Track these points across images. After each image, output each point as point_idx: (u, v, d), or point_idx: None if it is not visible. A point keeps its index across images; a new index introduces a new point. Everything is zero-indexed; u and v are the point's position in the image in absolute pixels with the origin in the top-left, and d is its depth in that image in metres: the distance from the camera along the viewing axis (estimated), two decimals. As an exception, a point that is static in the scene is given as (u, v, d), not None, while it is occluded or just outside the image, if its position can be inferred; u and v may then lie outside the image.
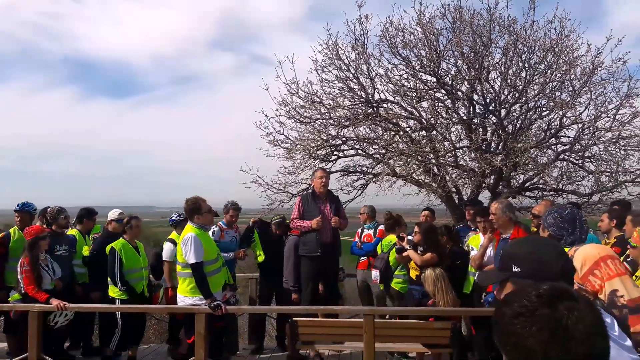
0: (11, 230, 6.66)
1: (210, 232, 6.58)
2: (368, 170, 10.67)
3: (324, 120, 10.37)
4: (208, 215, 5.71)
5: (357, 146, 10.60)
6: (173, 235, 6.66)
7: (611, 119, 9.26)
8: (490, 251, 5.62)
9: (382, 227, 7.32)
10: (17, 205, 6.76)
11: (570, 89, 9.38)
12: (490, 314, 5.21)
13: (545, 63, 9.45)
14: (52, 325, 5.82)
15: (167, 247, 6.60)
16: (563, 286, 1.12)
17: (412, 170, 9.88)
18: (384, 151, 10.23)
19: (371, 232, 7.26)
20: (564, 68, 9.20)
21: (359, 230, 7.44)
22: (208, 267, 5.50)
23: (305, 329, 5.81)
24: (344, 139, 10.44)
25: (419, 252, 6.06)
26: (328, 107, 10.22)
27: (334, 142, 10.47)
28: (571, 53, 9.43)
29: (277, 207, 10.35)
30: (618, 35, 8.80)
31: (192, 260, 5.34)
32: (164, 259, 6.57)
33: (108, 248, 6.25)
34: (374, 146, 10.52)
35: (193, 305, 5.50)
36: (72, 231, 7.01)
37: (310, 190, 6.50)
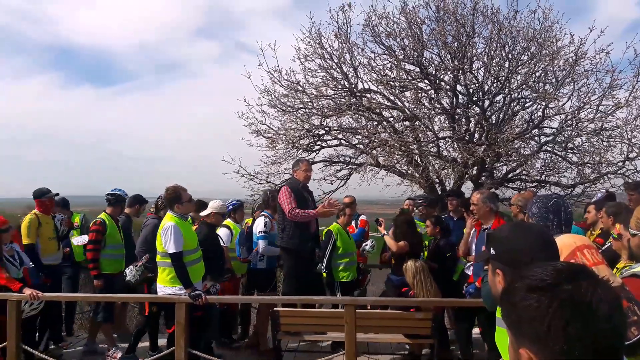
0: (103, 216, 6.51)
1: (262, 224, 6.48)
2: (351, 161, 10.64)
3: (307, 110, 10.32)
4: (188, 204, 5.65)
5: (340, 136, 10.56)
6: (227, 222, 6.82)
7: (594, 110, 9.32)
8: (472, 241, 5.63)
9: (363, 217, 7.30)
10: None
11: (553, 80, 9.41)
12: (471, 304, 5.21)
13: (529, 54, 9.47)
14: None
15: (222, 232, 6.64)
16: (580, 265, 1.09)
17: (395, 161, 9.87)
18: (367, 141, 10.20)
19: (353, 223, 7.22)
20: (547, 59, 9.22)
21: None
22: (188, 256, 5.43)
23: (287, 319, 5.77)
24: (327, 128, 10.39)
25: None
26: (311, 96, 10.16)
27: (317, 132, 10.42)
28: (554, 44, 9.46)
29: (260, 197, 10.29)
30: (601, 27, 8.83)
31: (171, 250, 5.28)
32: (222, 244, 6.51)
33: (324, 231, 6.45)
34: (357, 136, 10.49)
35: (173, 295, 5.43)
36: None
37: (292, 180, 6.39)
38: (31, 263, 5.97)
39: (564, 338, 0.94)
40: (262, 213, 6.71)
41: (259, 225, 6.52)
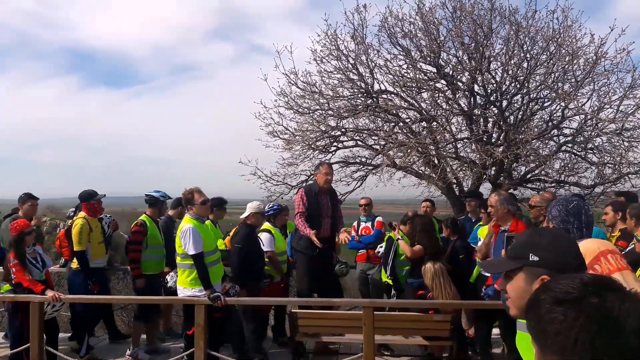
0: (144, 217, 6.53)
1: None
2: (367, 162, 10.63)
3: (323, 111, 10.33)
4: (201, 206, 5.64)
5: (357, 137, 10.56)
6: (266, 225, 6.73)
7: (615, 110, 9.19)
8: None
9: (379, 219, 7.29)
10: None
11: (573, 80, 9.30)
12: (490, 307, 5.17)
13: (547, 54, 9.37)
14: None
15: (265, 237, 6.57)
16: (607, 277, 1.07)
17: (412, 162, 9.84)
18: (383, 142, 10.18)
19: (369, 224, 7.21)
20: (567, 59, 9.12)
21: (355, 223, 7.38)
22: (207, 258, 5.46)
23: (305, 321, 5.79)
24: (343, 130, 10.39)
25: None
26: (327, 97, 10.17)
27: (333, 133, 10.42)
28: (574, 43, 9.35)
29: (277, 198, 10.32)
30: (622, 25, 8.70)
31: (192, 252, 5.32)
32: (266, 249, 6.49)
33: (386, 237, 6.47)
34: (373, 137, 10.48)
35: (192, 297, 5.48)
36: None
37: (312, 182, 6.42)
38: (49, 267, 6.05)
39: (591, 352, 0.93)
40: None
41: None
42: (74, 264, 6.34)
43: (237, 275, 6.21)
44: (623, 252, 4.02)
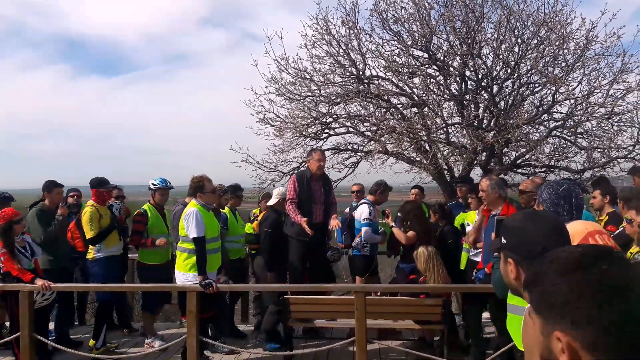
0: (145, 207, 6.48)
1: (367, 212, 6.48)
2: (359, 148, 10.62)
3: (314, 98, 10.27)
4: (211, 195, 5.71)
5: (348, 124, 10.53)
6: None
7: (604, 95, 9.24)
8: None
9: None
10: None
11: (563, 64, 9.33)
12: (481, 290, 5.21)
13: (538, 38, 9.37)
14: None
15: None
16: (607, 246, 1.06)
17: (404, 148, 9.84)
18: (375, 128, 10.17)
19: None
20: (557, 43, 9.13)
21: (347, 209, 7.39)
22: (207, 245, 5.49)
23: (297, 307, 5.80)
24: (334, 116, 10.36)
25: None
26: (318, 83, 10.11)
27: (324, 120, 10.38)
28: (564, 28, 9.35)
29: (268, 186, 10.31)
30: (613, 10, 8.70)
31: (193, 235, 5.34)
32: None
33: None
34: (365, 123, 10.45)
35: (185, 281, 5.49)
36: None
37: (304, 169, 6.42)
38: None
39: (598, 321, 0.92)
40: (364, 201, 6.75)
41: (363, 212, 6.52)
42: (90, 254, 6.30)
43: (267, 261, 6.30)
44: (613, 235, 4.05)
